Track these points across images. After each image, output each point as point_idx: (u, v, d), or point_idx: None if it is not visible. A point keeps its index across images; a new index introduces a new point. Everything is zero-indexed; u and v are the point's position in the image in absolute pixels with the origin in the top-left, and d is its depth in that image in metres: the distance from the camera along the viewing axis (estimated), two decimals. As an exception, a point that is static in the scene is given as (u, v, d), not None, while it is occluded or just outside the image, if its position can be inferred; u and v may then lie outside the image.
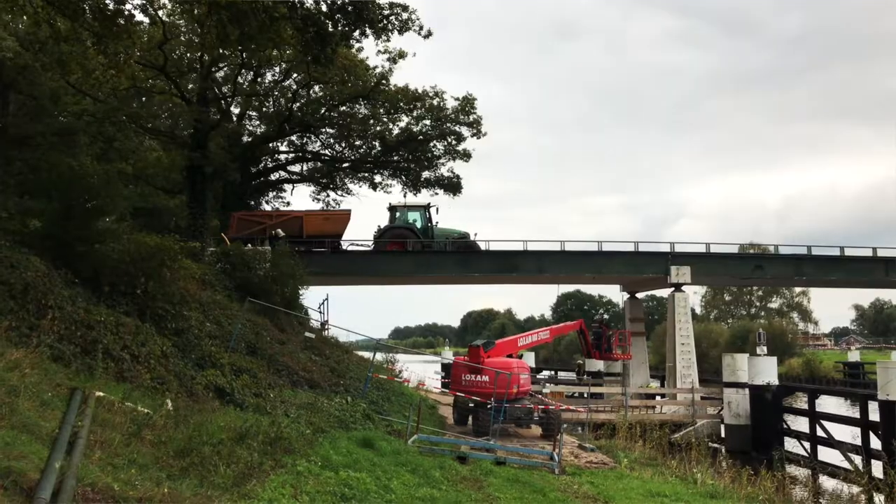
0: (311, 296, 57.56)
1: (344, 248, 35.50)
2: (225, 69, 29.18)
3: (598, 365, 41.06)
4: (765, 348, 30.26)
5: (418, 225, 36.92)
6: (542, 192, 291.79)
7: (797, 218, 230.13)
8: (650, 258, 37.73)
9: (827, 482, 21.71)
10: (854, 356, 69.61)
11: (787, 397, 30.38)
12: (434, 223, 37.39)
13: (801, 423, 27.55)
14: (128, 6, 15.45)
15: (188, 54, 27.69)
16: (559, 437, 16.87)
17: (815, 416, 26.14)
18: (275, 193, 36.49)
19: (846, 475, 20.34)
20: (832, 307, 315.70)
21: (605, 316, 43.89)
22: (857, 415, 24.54)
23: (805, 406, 28.23)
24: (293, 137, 33.16)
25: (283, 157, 34.62)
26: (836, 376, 65.70)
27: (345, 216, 35.30)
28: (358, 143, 33.19)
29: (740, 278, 43.97)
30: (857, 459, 22.17)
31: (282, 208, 36.13)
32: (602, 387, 35.77)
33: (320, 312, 29.00)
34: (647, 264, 37.62)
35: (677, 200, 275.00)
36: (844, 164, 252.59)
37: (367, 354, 25.92)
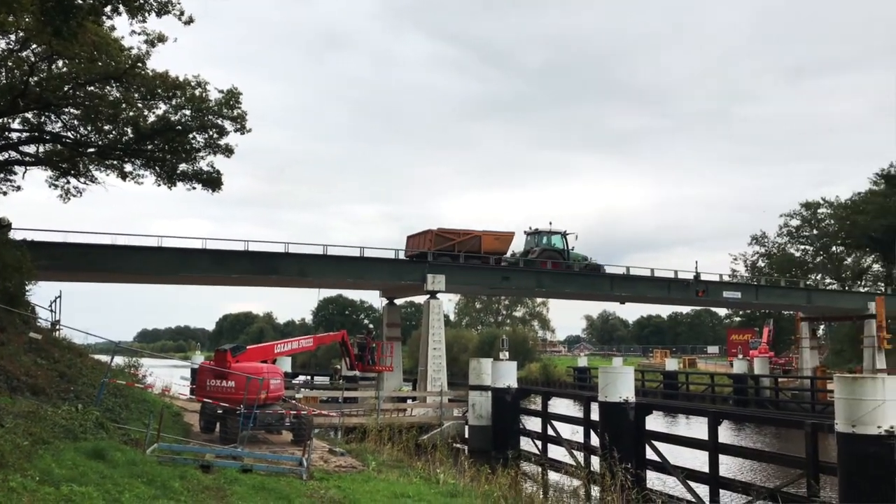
0: (42, 292, 51.88)
1: (504, 263, 41.75)
2: (-55, 30, 25.33)
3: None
4: (507, 353, 32.61)
5: (559, 247, 43.63)
6: (307, 196, 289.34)
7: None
8: (409, 266, 38.98)
9: (554, 476, 23.82)
10: (583, 362, 77.33)
11: (524, 399, 32.95)
12: (571, 248, 44.12)
13: (535, 423, 29.92)
14: None
15: None
16: (309, 442, 16.79)
17: (546, 417, 28.58)
18: (2, 176, 32.27)
19: (569, 470, 22.50)
20: (567, 317, 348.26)
21: (371, 326, 44.85)
22: (582, 415, 27.22)
23: (539, 407, 30.79)
24: (29, 115, 29.55)
25: (15, 135, 30.74)
26: (567, 380, 72.54)
27: (510, 236, 42.51)
28: (107, 127, 30.30)
29: (489, 287, 46.90)
30: (580, 455, 24.64)
31: (465, 228, 41.29)
32: (357, 391, 36.21)
33: (51, 311, 26.20)
34: (406, 272, 38.80)
35: (437, 213, 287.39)
36: (579, 189, 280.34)
37: (106, 358, 23.87)
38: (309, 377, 65.02)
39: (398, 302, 45.61)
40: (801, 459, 17.15)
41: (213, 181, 32.03)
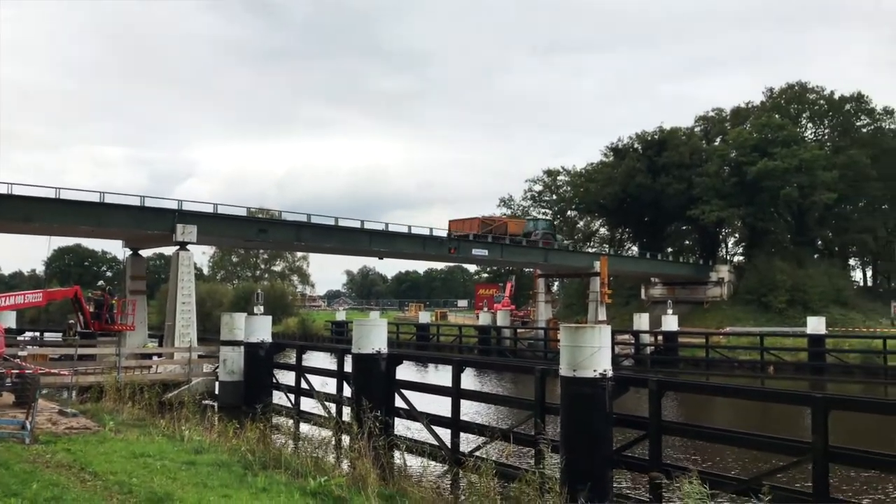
0: None
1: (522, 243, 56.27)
2: None
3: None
4: (261, 307, 31.96)
5: (549, 230, 60.70)
6: (43, 135, 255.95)
7: (297, 188, 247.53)
8: (156, 214, 36.53)
9: (305, 428, 23.99)
10: (341, 316, 78.20)
11: (279, 354, 32.67)
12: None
13: (290, 378, 29.79)
14: None
15: None
16: (34, 403, 15.28)
17: (301, 370, 28.60)
18: None
19: (320, 421, 22.79)
20: (327, 271, 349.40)
21: (102, 282, 41.70)
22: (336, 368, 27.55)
23: (294, 361, 30.70)
24: None
25: None
26: (325, 334, 73.10)
27: (523, 222, 59.92)
28: None
29: (245, 240, 45.57)
30: (333, 406, 25.04)
31: (498, 216, 58.24)
32: (95, 348, 33.45)
33: None
34: (152, 220, 36.33)
35: (189, 159, 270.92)
36: (342, 144, 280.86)
37: None
38: (38, 334, 58.86)
39: (144, 253, 42.65)
40: (530, 402, 18.87)
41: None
